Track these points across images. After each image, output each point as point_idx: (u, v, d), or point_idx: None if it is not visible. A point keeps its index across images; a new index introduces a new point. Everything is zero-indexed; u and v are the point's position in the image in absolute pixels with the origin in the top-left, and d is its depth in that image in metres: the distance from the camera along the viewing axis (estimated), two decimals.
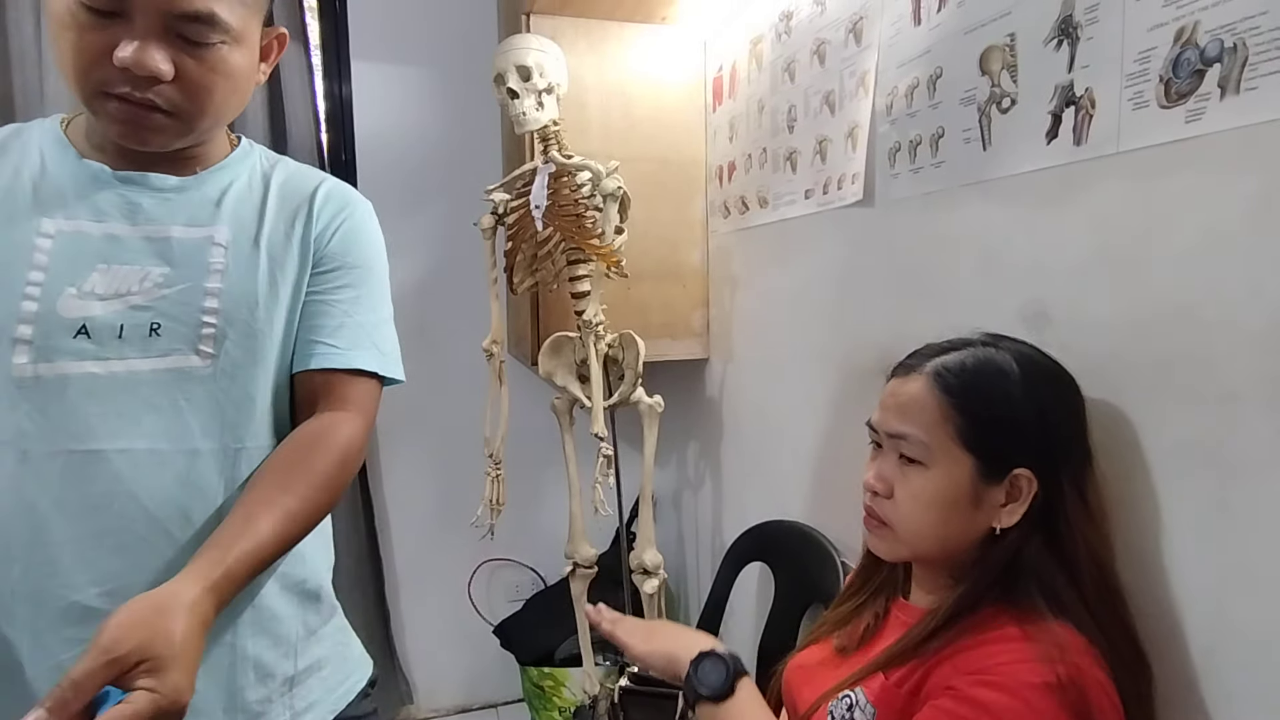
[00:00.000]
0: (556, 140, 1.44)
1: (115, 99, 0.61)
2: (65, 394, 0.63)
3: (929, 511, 0.69)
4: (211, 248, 0.69)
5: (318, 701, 0.77)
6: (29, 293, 0.63)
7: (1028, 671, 0.59)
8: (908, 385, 0.71)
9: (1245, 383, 0.65)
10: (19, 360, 0.62)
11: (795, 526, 1.43)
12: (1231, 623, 0.67)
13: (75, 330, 0.63)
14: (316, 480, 0.68)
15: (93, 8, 0.57)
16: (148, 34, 0.59)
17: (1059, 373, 0.72)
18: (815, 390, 1.39)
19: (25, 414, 0.62)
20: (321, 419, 0.73)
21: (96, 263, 0.65)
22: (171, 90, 0.62)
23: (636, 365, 1.51)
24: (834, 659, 0.78)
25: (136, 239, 0.67)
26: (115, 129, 0.64)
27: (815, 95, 1.32)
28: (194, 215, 0.70)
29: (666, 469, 2.10)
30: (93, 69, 0.60)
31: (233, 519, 0.64)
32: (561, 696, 1.83)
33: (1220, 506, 0.67)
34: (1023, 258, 0.89)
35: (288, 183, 0.77)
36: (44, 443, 0.62)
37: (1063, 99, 0.81)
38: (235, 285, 0.69)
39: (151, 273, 0.67)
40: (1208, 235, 0.68)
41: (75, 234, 0.65)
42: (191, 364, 0.67)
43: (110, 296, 0.65)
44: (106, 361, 0.64)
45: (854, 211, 1.22)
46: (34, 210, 0.65)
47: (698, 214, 1.80)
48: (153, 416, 0.66)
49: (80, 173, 0.67)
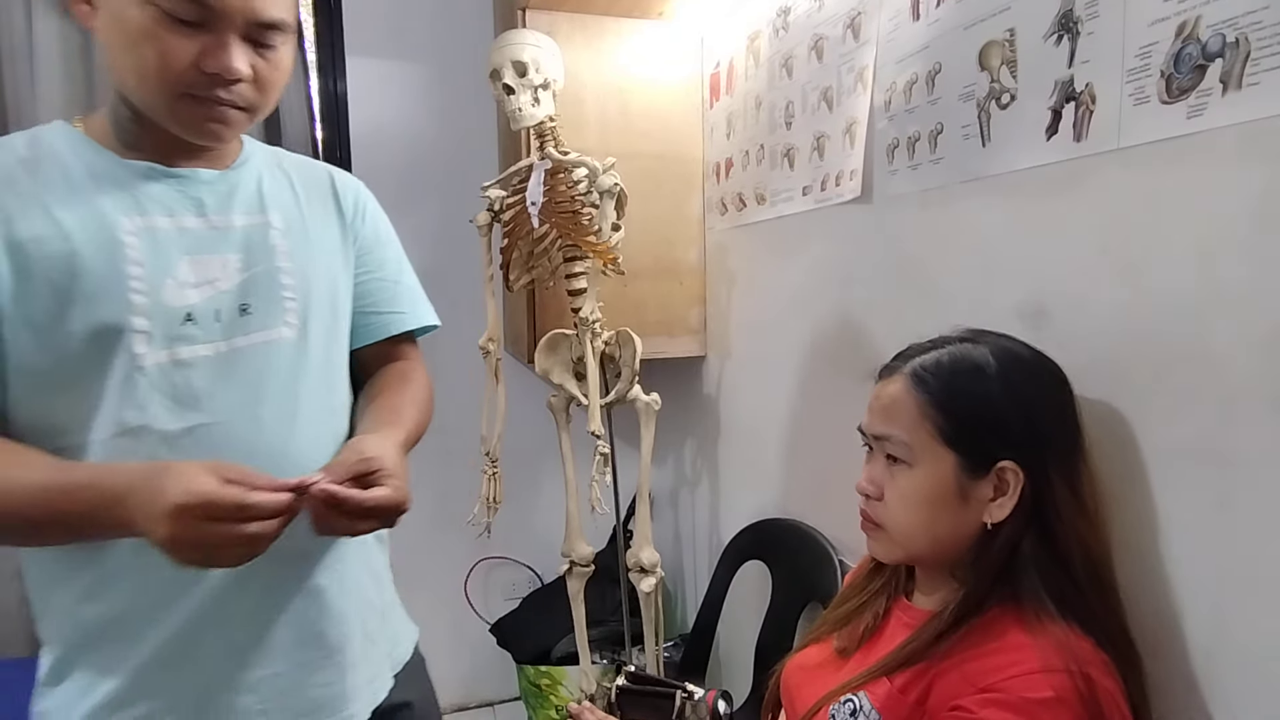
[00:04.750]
0: (553, 136, 1.43)
1: (199, 100, 0.66)
2: (188, 377, 0.68)
3: (917, 510, 0.69)
4: (271, 232, 0.76)
5: (400, 637, 0.88)
6: (134, 287, 0.67)
7: (1036, 685, 0.59)
8: (889, 387, 0.72)
9: (1246, 381, 0.65)
10: (139, 350, 0.67)
11: (793, 524, 1.43)
12: (1231, 623, 0.67)
13: (184, 318, 0.69)
14: (422, 403, 0.85)
15: (180, 19, 0.62)
16: (230, 41, 0.65)
17: (1041, 365, 0.72)
18: (813, 388, 1.39)
19: (156, 400, 0.67)
20: (397, 365, 0.87)
21: (180, 254, 0.70)
22: (246, 88, 0.68)
23: (633, 363, 1.51)
24: (834, 660, 0.77)
25: (206, 230, 0.72)
26: (197, 127, 0.69)
27: (813, 91, 1.32)
28: (247, 205, 0.76)
29: (663, 467, 2.09)
30: (179, 75, 0.64)
31: (382, 413, 0.78)
32: (558, 695, 1.82)
33: (1220, 506, 0.67)
34: (1022, 255, 0.88)
35: (302, 172, 0.83)
36: (176, 422, 0.68)
37: (1063, 95, 0.81)
38: (300, 265, 0.77)
39: (230, 259, 0.73)
40: (1209, 232, 0.67)
41: (152, 229, 0.69)
42: (283, 336, 0.74)
43: (201, 284, 0.70)
44: (213, 343, 0.70)
45: (852, 208, 1.22)
46: (108, 209, 0.68)
47: (695, 211, 1.79)
48: (262, 386, 0.72)
49: (131, 172, 0.70)
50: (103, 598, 0.68)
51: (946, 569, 0.72)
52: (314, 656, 0.74)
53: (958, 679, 0.63)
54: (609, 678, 0.85)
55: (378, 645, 0.82)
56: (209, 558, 0.60)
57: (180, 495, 0.57)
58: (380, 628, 0.83)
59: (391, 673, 0.84)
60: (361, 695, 0.78)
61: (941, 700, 0.63)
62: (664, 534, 2.09)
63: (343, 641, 0.76)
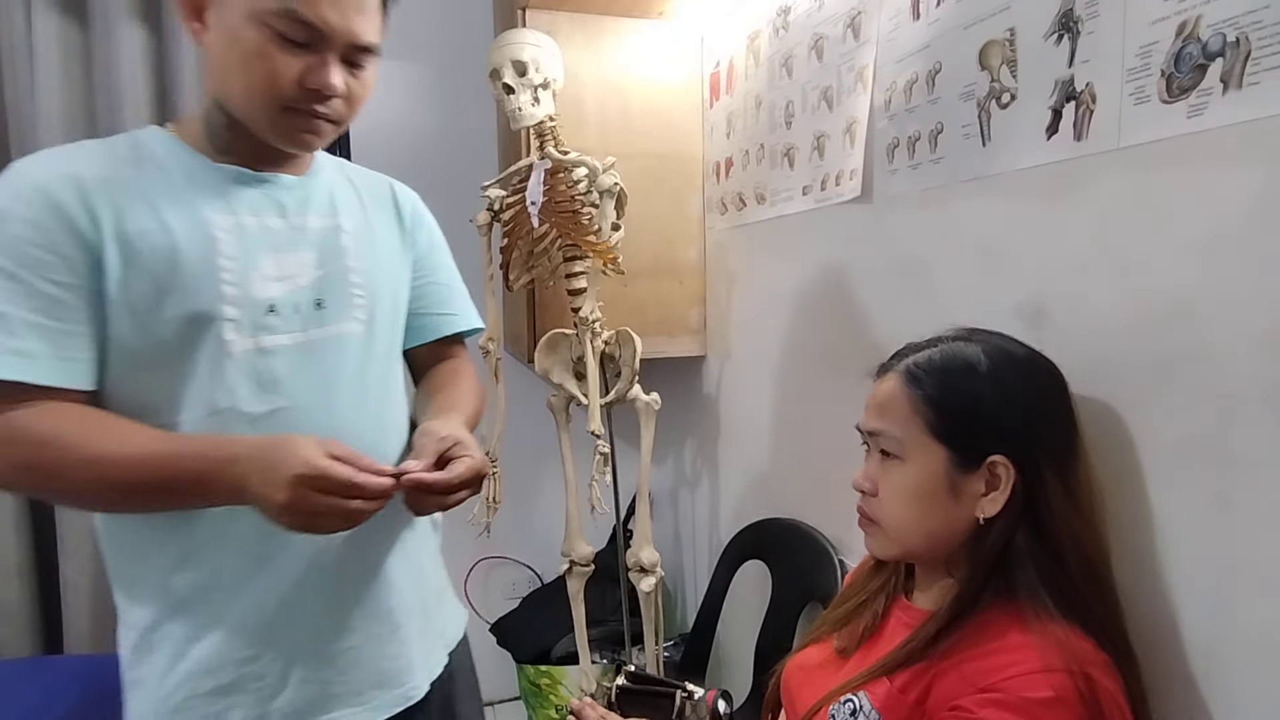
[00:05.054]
0: (553, 136, 1.43)
1: (298, 113, 0.73)
2: (270, 363, 0.75)
3: (910, 504, 0.70)
4: (342, 234, 0.82)
5: (452, 617, 0.94)
6: (225, 279, 0.73)
7: (1036, 685, 0.59)
8: (884, 384, 0.74)
9: (1246, 380, 0.65)
10: (229, 337, 0.72)
11: (793, 524, 1.43)
12: (1231, 621, 0.67)
13: (267, 309, 0.75)
14: (476, 394, 0.93)
15: (290, 40, 0.69)
16: (331, 61, 0.72)
17: (1034, 362, 0.72)
18: (813, 387, 1.39)
19: (242, 384, 0.73)
20: (449, 363, 0.96)
21: (264, 250, 0.76)
22: (339, 104, 0.75)
23: (633, 362, 1.51)
24: (834, 660, 0.77)
25: (287, 230, 0.79)
26: (293, 137, 0.76)
27: (813, 91, 1.32)
28: (321, 208, 0.82)
29: (663, 466, 2.09)
30: (284, 90, 0.71)
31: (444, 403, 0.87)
32: (558, 694, 1.82)
33: (1220, 505, 0.67)
34: (1022, 254, 0.88)
35: (366, 181, 0.91)
36: (260, 405, 0.74)
37: (1063, 94, 0.81)
38: (366, 265, 0.83)
39: (306, 257, 0.79)
40: (1209, 231, 0.67)
41: (241, 227, 0.75)
42: (353, 330, 0.81)
43: (282, 279, 0.76)
44: (292, 333, 0.76)
45: (852, 208, 1.22)
46: (203, 207, 0.74)
47: (695, 210, 1.79)
48: (335, 374, 0.79)
49: (222, 175, 0.76)
50: (194, 566, 0.74)
51: (943, 566, 0.72)
52: (382, 631, 0.80)
53: (957, 679, 0.63)
54: (609, 677, 0.85)
55: (434, 623, 0.89)
56: (310, 524, 0.67)
57: (300, 465, 0.64)
58: (436, 607, 0.90)
59: (446, 650, 0.90)
60: (421, 669, 0.85)
61: (941, 700, 0.63)
62: (664, 533, 2.09)
63: (406, 618, 0.83)
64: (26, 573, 1.72)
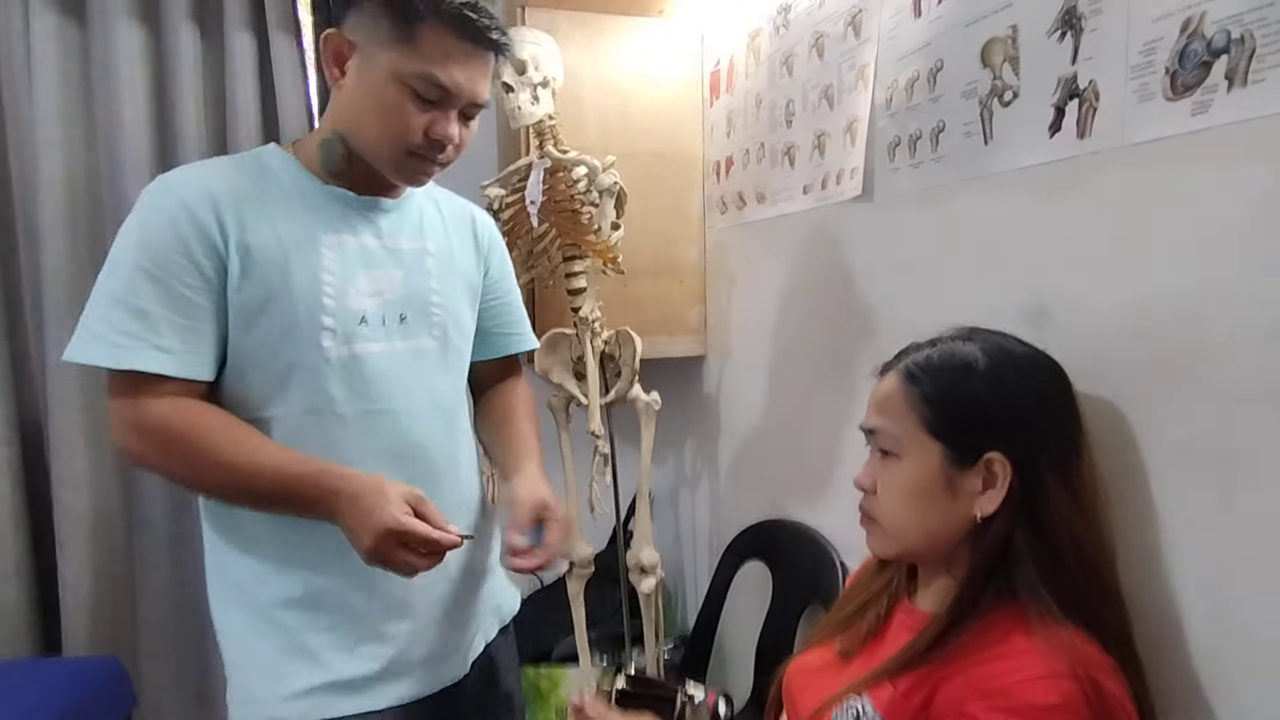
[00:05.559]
0: (552, 135, 1.42)
1: (419, 158, 0.83)
2: (360, 369, 0.84)
3: (907, 502, 0.70)
4: (427, 257, 0.92)
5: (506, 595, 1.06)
6: (326, 291, 0.82)
7: (1042, 690, 0.58)
8: (884, 383, 0.74)
9: (1250, 380, 0.64)
10: (326, 344, 0.82)
11: (794, 526, 1.42)
12: (1236, 622, 0.66)
13: (359, 320, 0.84)
14: (535, 421, 1.05)
15: (425, 99, 0.80)
16: (453, 116, 0.83)
17: (1034, 360, 0.72)
18: (814, 388, 1.38)
19: (335, 386, 0.82)
20: (519, 383, 1.08)
21: (361, 267, 0.86)
22: (452, 150, 0.85)
23: (633, 362, 1.50)
24: (836, 662, 0.77)
25: (381, 250, 0.88)
26: (410, 177, 0.86)
27: (814, 89, 1.31)
28: (411, 231, 0.92)
29: (664, 467, 2.09)
30: (413, 138, 0.81)
31: (520, 439, 0.99)
32: (558, 695, 1.82)
33: (1224, 504, 0.66)
34: (1024, 253, 0.88)
35: (448, 207, 1.00)
36: (351, 406, 0.83)
37: (1066, 91, 0.80)
38: (446, 286, 0.92)
39: (395, 275, 0.88)
40: (1213, 230, 0.67)
41: (342, 245, 0.85)
42: (429, 345, 0.90)
43: (374, 294, 0.86)
44: (380, 343, 0.86)
45: (853, 207, 1.21)
46: (312, 224, 0.84)
47: (695, 210, 1.78)
48: (413, 383, 0.88)
49: (330, 196, 0.86)
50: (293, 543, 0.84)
51: (943, 566, 0.72)
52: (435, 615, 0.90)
53: (962, 684, 0.63)
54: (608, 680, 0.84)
55: (486, 603, 1.00)
56: (387, 566, 0.77)
57: (390, 521, 0.74)
58: (490, 590, 1.01)
59: (499, 626, 1.03)
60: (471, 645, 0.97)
61: (946, 705, 0.63)
62: (664, 534, 2.08)
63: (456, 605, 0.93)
64: (25, 572, 1.72)
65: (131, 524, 1.79)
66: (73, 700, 1.43)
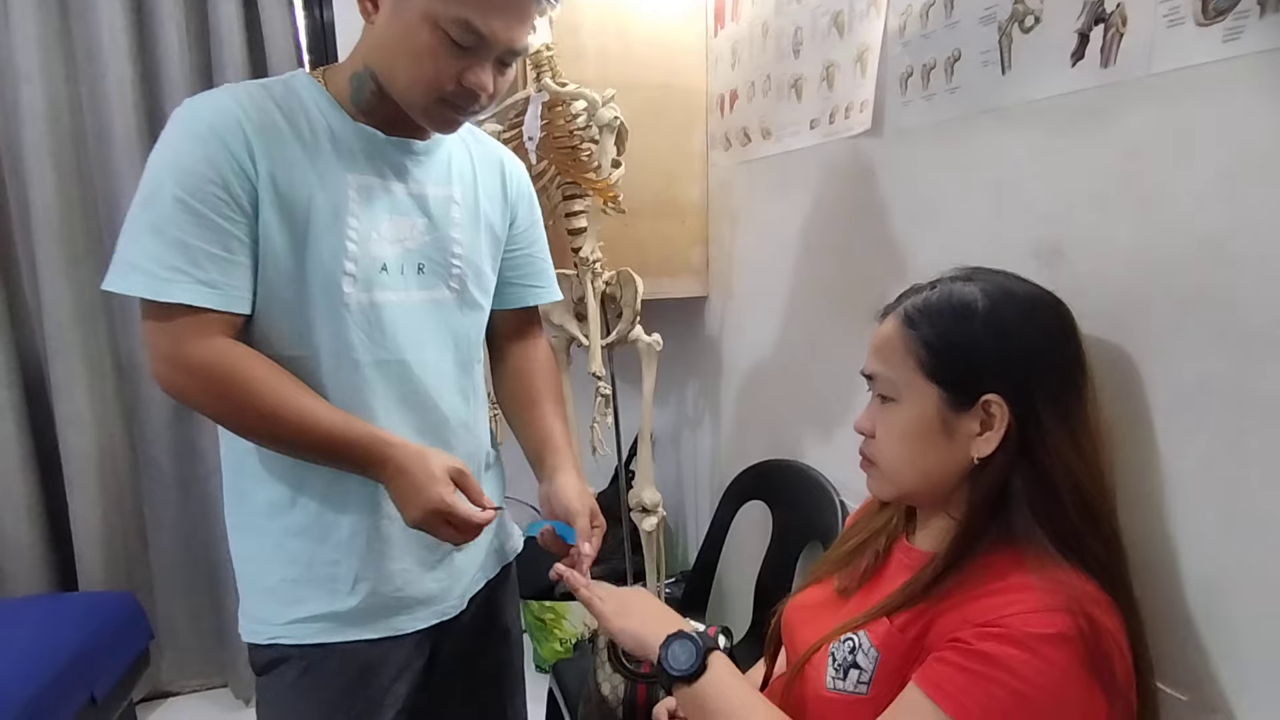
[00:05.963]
0: (550, 67, 1.37)
1: (450, 105, 0.79)
2: (379, 316, 0.83)
3: (904, 445, 0.70)
4: (452, 205, 0.89)
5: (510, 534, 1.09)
6: (349, 235, 0.80)
7: (1038, 622, 0.59)
8: (883, 327, 0.73)
9: (1270, 321, 0.63)
10: (347, 290, 0.81)
11: (795, 465, 1.43)
12: (1234, 561, 0.67)
13: (380, 267, 0.83)
14: (562, 406, 1.06)
15: (460, 45, 0.75)
16: (489, 64, 0.79)
17: (1037, 300, 0.70)
18: (817, 328, 1.37)
19: (354, 332, 0.82)
20: (538, 345, 1.05)
21: (385, 213, 0.83)
22: (485, 98, 0.81)
23: (635, 303, 1.49)
24: (834, 600, 0.78)
25: (406, 195, 0.85)
26: (440, 123, 0.83)
27: (823, 16, 1.25)
28: (438, 177, 0.89)
29: (665, 408, 2.10)
30: (445, 85, 0.77)
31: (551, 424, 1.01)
32: (562, 628, 1.87)
33: (1233, 446, 0.66)
34: (1041, 190, 0.85)
35: (480, 150, 0.96)
36: (368, 354, 0.83)
37: (1091, 16, 0.76)
38: (468, 236, 0.90)
39: (418, 223, 0.86)
40: (1239, 164, 0.64)
41: (369, 188, 0.83)
42: (445, 296, 0.89)
43: (395, 241, 0.84)
44: (399, 291, 0.84)
45: (862, 142, 1.17)
46: (340, 165, 0.81)
47: (697, 146, 1.74)
48: (429, 334, 0.87)
49: (359, 135, 0.83)
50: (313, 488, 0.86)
51: (942, 508, 0.72)
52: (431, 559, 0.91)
53: (958, 618, 0.63)
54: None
55: (490, 543, 1.01)
56: (432, 533, 0.80)
57: (436, 501, 0.77)
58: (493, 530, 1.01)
59: (500, 564, 1.05)
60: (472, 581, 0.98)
61: (940, 636, 0.64)
62: (666, 474, 2.11)
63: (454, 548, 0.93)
64: (36, 511, 1.75)
65: (137, 464, 1.81)
66: (89, 635, 1.47)
